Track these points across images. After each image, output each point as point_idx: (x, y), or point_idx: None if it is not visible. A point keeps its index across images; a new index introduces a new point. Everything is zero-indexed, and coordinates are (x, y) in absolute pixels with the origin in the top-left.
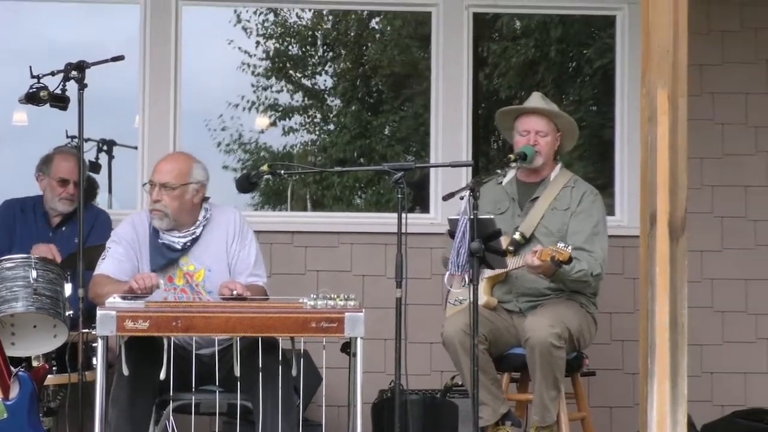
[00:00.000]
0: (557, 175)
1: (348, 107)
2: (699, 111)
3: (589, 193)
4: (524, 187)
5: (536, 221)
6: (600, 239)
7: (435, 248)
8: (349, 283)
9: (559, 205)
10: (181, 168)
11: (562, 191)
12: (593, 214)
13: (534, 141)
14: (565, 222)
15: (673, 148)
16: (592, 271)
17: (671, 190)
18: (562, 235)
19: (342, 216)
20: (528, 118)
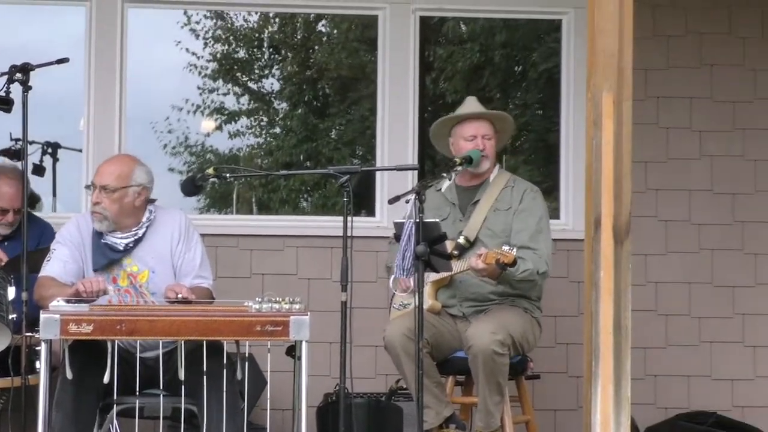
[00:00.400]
0: (496, 177)
1: (294, 110)
2: (644, 115)
3: (529, 191)
4: (464, 191)
5: (479, 224)
6: (544, 236)
7: (381, 251)
8: (294, 287)
9: (500, 205)
10: (122, 171)
11: (503, 192)
12: (535, 212)
13: (482, 145)
14: (508, 222)
15: (617, 152)
16: (538, 269)
17: (616, 194)
18: (506, 235)
19: (288, 219)
20: (471, 123)
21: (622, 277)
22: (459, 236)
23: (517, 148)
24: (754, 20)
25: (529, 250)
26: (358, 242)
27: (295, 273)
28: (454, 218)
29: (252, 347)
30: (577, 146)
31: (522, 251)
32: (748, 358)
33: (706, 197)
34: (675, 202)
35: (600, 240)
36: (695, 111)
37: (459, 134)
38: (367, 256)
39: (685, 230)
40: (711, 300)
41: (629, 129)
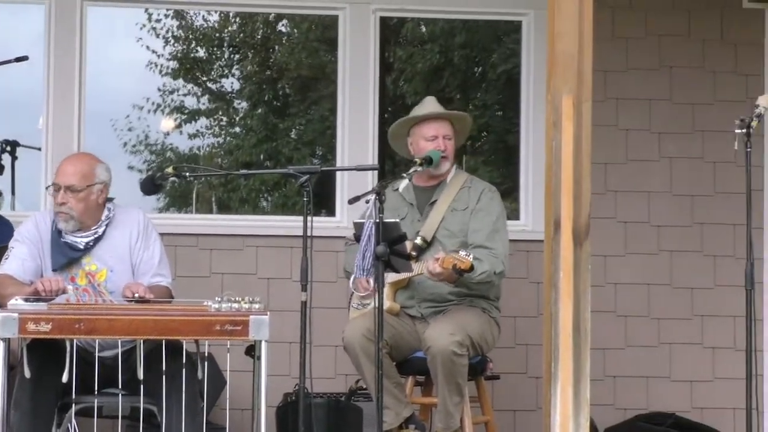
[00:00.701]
0: (454, 177)
1: (254, 110)
2: (603, 117)
3: (487, 191)
4: (422, 191)
5: (436, 224)
6: (501, 236)
7: (341, 252)
8: (254, 286)
9: (458, 205)
10: (85, 169)
11: (460, 192)
12: (492, 212)
13: (443, 146)
14: (465, 222)
15: (577, 154)
16: (495, 269)
17: (575, 196)
18: (464, 234)
19: (247, 219)
20: (432, 124)
21: (581, 278)
22: (416, 237)
23: (476, 149)
24: (713, 22)
25: (485, 250)
26: (318, 242)
27: (255, 273)
28: (411, 218)
29: (211, 347)
30: (537, 147)
31: (478, 250)
32: (707, 359)
33: (666, 199)
34: (634, 204)
35: (559, 241)
36: (654, 113)
37: (419, 134)
38: (327, 256)
39: (644, 232)
40: (670, 301)
41: (589, 130)
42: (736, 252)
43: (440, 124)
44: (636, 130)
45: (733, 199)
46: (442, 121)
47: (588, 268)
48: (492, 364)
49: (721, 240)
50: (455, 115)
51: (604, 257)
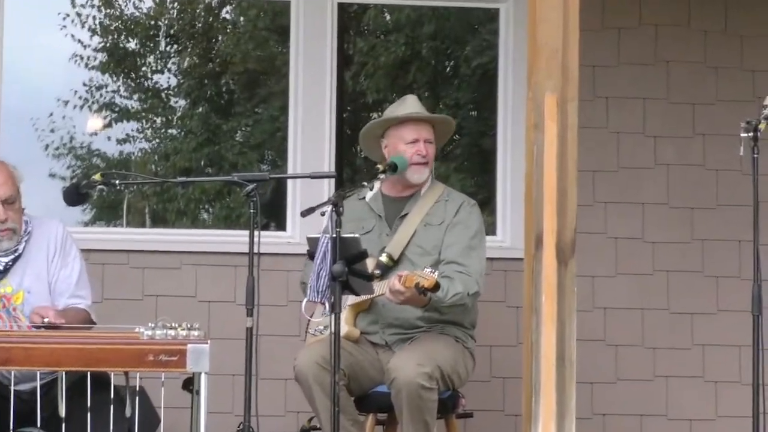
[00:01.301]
0: (429, 188)
1: (194, 109)
2: (591, 118)
3: (466, 205)
4: (392, 202)
5: (406, 239)
6: (477, 253)
7: (292, 271)
8: (193, 311)
9: (432, 220)
10: (9, 177)
11: (436, 205)
12: (470, 226)
13: (424, 151)
14: (440, 238)
15: (561, 160)
16: (468, 290)
17: (559, 207)
18: (438, 252)
19: (186, 233)
20: (413, 126)
21: (566, 302)
22: (381, 253)
23: (447, 153)
24: (716, 11)
25: (458, 266)
26: (266, 260)
27: (194, 295)
28: (379, 232)
29: (143, 379)
30: (516, 152)
31: (450, 267)
32: (709, 394)
33: (662, 212)
34: (626, 217)
35: (541, 259)
36: (650, 113)
37: (397, 136)
38: (276, 275)
39: (637, 249)
40: (667, 329)
41: (575, 133)
42: (742, 272)
43: (422, 127)
44: (629, 133)
45: (739, 211)
46: (424, 124)
47: (574, 290)
48: (465, 399)
49: (724, 259)
50: (439, 119)
51: (592, 278)
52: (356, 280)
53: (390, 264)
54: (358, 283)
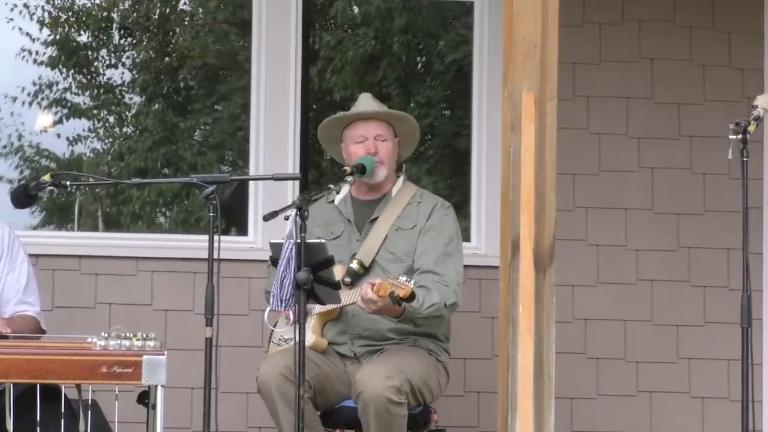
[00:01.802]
0: (400, 190)
1: (150, 106)
2: (571, 118)
3: (439, 207)
4: (361, 205)
5: (377, 245)
6: (453, 260)
7: (254, 278)
8: (149, 320)
9: (403, 224)
10: None
11: (407, 208)
12: (444, 231)
13: (374, 148)
14: (412, 243)
15: (539, 162)
16: (446, 301)
17: (537, 212)
18: (411, 258)
19: (141, 238)
20: (360, 124)
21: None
22: (352, 260)
23: (419, 155)
24: (702, 6)
25: (434, 276)
26: (226, 266)
27: (150, 303)
28: (349, 237)
29: (96, 393)
30: (492, 154)
31: (426, 276)
32: (695, 411)
33: (646, 217)
34: (608, 223)
35: (518, 267)
36: (633, 114)
37: (348, 137)
38: (237, 283)
39: (620, 257)
40: (651, 341)
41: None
42: (730, 282)
43: (371, 124)
44: (611, 134)
45: (727, 218)
46: (374, 121)
47: (552, 300)
48: (437, 415)
49: (712, 267)
50: (391, 115)
51: (572, 287)
52: (322, 288)
53: (361, 271)
54: (324, 292)
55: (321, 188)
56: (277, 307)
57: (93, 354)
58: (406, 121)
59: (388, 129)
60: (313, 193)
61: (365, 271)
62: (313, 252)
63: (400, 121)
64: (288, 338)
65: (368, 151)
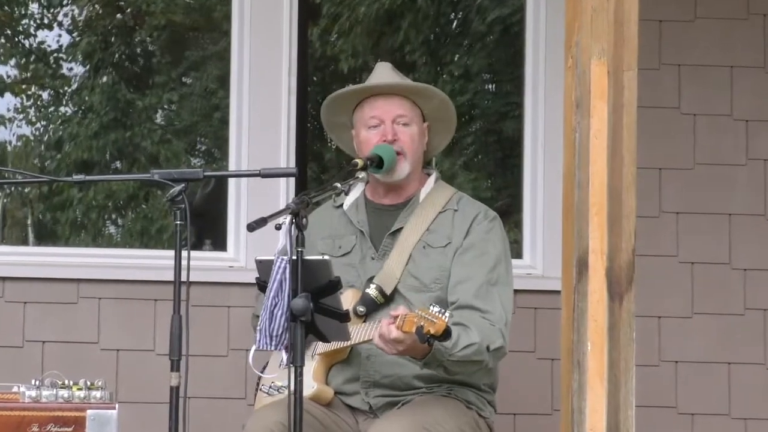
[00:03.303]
0: (430, 193)
1: (96, 78)
2: (657, 94)
3: (482, 218)
4: (378, 212)
5: (399, 268)
6: (500, 291)
7: (235, 307)
8: (95, 363)
9: (434, 239)
10: None
11: (440, 218)
12: (489, 251)
13: (392, 135)
14: (444, 267)
15: (614, 152)
16: (490, 344)
17: (611, 219)
18: (441, 287)
19: (84, 254)
20: (375, 101)
21: (621, 352)
22: (368, 285)
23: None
24: None
25: (475, 313)
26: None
27: (96, 341)
28: (362, 254)
29: None
30: (551, 141)
31: (463, 313)
32: None
33: (757, 226)
34: (707, 234)
35: (586, 292)
36: (740, 88)
37: (360, 120)
38: (213, 314)
39: (722, 278)
40: (766, 391)
41: (633, 115)
42: None
43: (388, 102)
44: (709, 115)
45: None
46: (393, 98)
47: (632, 336)
48: None
49: None
50: (416, 89)
51: (658, 319)
52: (326, 321)
53: (380, 300)
54: (328, 325)
55: (324, 188)
56: (265, 345)
57: (20, 408)
58: (436, 98)
59: (412, 109)
60: (314, 194)
61: (385, 300)
62: (314, 272)
63: (428, 99)
64: (281, 386)
65: (384, 138)
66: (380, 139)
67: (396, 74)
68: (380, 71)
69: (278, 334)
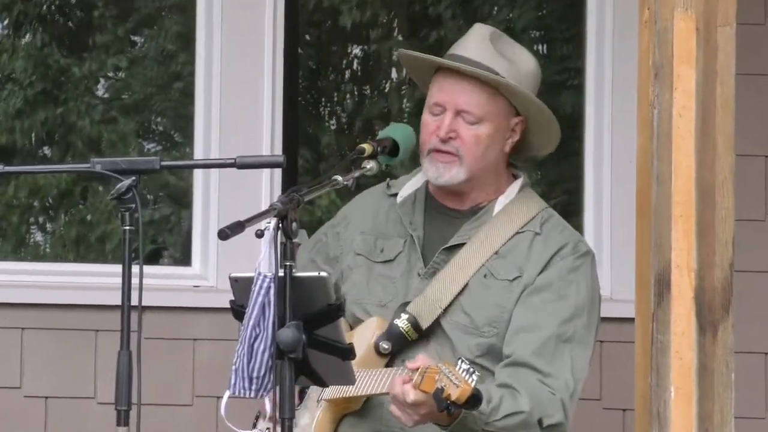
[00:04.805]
0: (512, 203)
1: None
2: (762, 58)
3: (568, 252)
4: (440, 215)
5: (449, 296)
6: (575, 351)
7: (202, 340)
8: (16, 414)
9: (501, 268)
10: None
11: (516, 240)
12: (570, 296)
13: (446, 130)
14: (507, 307)
15: (705, 135)
16: (543, 416)
17: (701, 225)
18: (498, 333)
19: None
20: (448, 81)
21: (715, 401)
22: (401, 312)
23: None
24: None
25: (532, 374)
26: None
27: (18, 385)
28: (408, 266)
29: None
30: (621, 121)
31: (518, 372)
32: None
33: None
34: None
35: (668, 322)
36: None
37: (428, 96)
38: (173, 349)
39: None
40: None
41: (730, 88)
42: None
43: (459, 86)
44: None
45: None
46: (468, 82)
47: (731, 379)
48: None
49: None
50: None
51: (765, 356)
52: (323, 358)
53: (412, 336)
54: (326, 364)
55: (321, 182)
56: (243, 390)
57: None
58: (530, 103)
59: (491, 102)
60: (307, 191)
61: (420, 336)
62: (308, 293)
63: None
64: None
65: (436, 132)
66: (434, 131)
67: (490, 48)
68: (470, 39)
69: (260, 376)
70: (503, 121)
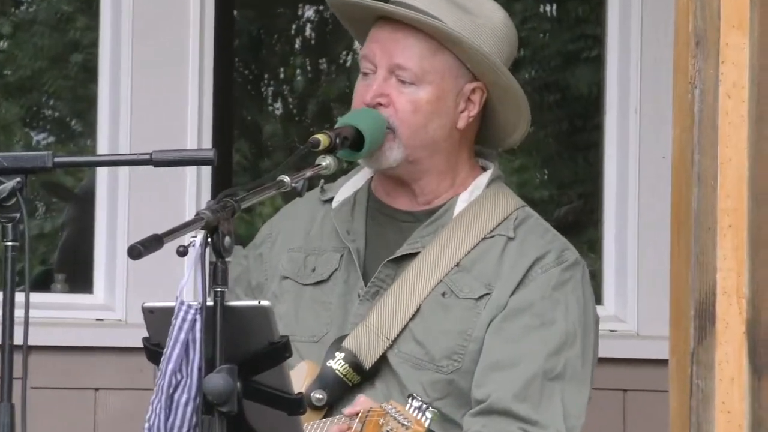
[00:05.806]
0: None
1: None
2: None
3: (551, 262)
4: (385, 219)
5: (398, 323)
6: (567, 389)
7: (106, 389)
8: None
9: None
10: None
11: (483, 246)
12: (556, 321)
13: (373, 93)
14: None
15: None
16: None
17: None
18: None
19: None
20: (382, 31)
21: None
22: (336, 350)
23: None
24: None
25: (513, 423)
26: (46, 362)
27: None
28: (347, 287)
29: None
30: (651, 104)
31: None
32: None
33: None
34: None
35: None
36: None
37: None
38: (70, 401)
39: None
40: None
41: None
42: None
43: (394, 36)
44: None
45: None
46: (405, 31)
47: None
48: None
49: None
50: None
51: None
52: (264, 413)
53: (352, 380)
54: (268, 420)
55: (262, 184)
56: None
57: None
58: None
59: (436, 59)
60: (245, 195)
61: (361, 379)
62: (245, 328)
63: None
64: None
65: (363, 100)
66: (363, 99)
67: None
68: None
69: None
70: (451, 84)
